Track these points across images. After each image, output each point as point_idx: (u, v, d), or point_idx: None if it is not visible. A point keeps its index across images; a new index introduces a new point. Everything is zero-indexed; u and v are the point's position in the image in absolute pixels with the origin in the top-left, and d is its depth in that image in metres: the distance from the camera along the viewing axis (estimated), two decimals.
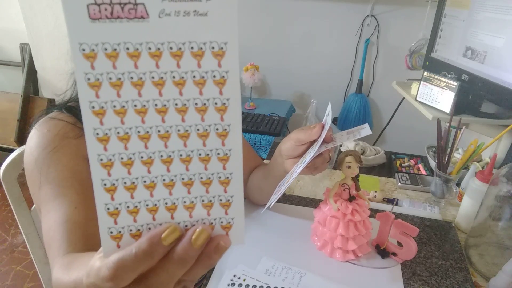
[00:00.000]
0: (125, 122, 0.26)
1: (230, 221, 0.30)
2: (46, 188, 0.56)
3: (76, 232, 0.53)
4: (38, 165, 0.57)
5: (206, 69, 0.26)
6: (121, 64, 0.25)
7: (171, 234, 0.27)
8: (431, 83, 1.07)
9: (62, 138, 0.58)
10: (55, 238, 0.52)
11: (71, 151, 0.58)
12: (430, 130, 0.98)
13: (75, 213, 0.54)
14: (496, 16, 0.93)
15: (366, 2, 1.76)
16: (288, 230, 0.76)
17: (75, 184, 0.56)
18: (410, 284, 0.65)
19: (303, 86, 2.04)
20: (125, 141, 0.26)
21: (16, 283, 1.65)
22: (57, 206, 0.54)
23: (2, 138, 2.26)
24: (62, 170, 0.57)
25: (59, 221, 0.53)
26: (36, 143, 0.58)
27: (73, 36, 0.24)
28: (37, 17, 2.03)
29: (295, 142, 0.61)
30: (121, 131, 0.26)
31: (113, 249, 0.28)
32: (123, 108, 0.25)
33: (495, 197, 0.68)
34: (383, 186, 0.98)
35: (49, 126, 0.59)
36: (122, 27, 0.24)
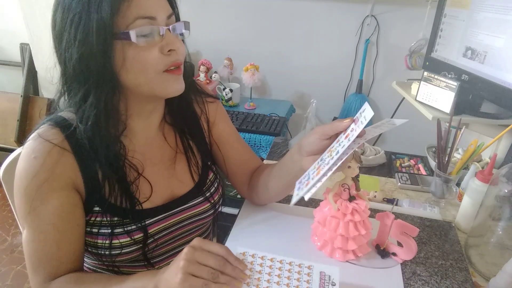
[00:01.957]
0: None
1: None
2: (32, 218, 0.61)
3: (59, 266, 0.63)
4: (27, 194, 0.61)
5: None
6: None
7: (237, 263, 0.58)
8: (431, 83, 1.07)
9: (46, 171, 0.60)
10: (41, 268, 0.62)
11: (56, 184, 0.61)
12: (430, 130, 0.97)
13: (58, 252, 0.62)
14: (496, 16, 0.93)
15: (366, 2, 1.76)
16: (288, 230, 0.76)
17: (58, 222, 0.61)
18: (410, 284, 0.65)
19: (303, 86, 2.04)
20: None
21: (16, 283, 1.65)
22: (42, 241, 0.61)
23: (2, 138, 2.26)
24: (46, 206, 0.61)
25: (44, 257, 0.62)
26: (25, 170, 0.61)
27: None
28: (37, 17, 2.03)
29: (320, 136, 0.60)
30: None
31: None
32: None
33: (495, 197, 0.68)
34: (383, 186, 0.98)
35: (36, 152, 0.60)
36: None
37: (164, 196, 0.71)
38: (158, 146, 0.72)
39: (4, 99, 2.28)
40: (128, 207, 0.65)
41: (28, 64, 2.22)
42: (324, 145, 0.61)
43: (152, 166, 0.70)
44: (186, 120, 0.76)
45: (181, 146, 0.75)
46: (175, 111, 0.74)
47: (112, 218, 0.64)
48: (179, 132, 0.75)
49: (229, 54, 1.96)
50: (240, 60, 1.96)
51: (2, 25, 2.29)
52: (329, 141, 0.61)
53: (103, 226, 0.64)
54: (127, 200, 0.65)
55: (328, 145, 0.61)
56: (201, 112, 0.79)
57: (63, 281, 0.62)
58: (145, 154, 0.70)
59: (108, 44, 0.55)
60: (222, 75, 1.95)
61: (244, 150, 0.83)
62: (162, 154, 0.72)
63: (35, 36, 2.10)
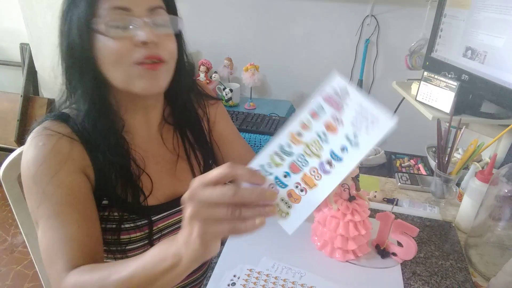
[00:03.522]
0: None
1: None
2: (46, 205, 0.57)
3: (81, 250, 0.56)
4: (37, 181, 0.58)
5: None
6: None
7: (263, 179, 0.44)
8: (431, 83, 1.07)
9: (58, 154, 0.59)
10: (60, 255, 0.55)
11: (69, 167, 0.59)
12: (430, 130, 0.97)
13: (78, 232, 0.57)
14: (496, 16, 0.93)
15: (366, 2, 1.76)
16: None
17: (74, 202, 0.58)
18: (410, 284, 0.65)
19: (303, 86, 2.04)
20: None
21: (16, 283, 1.65)
22: (60, 224, 0.56)
23: (2, 138, 2.26)
24: (61, 188, 0.58)
25: (64, 240, 0.56)
26: (33, 158, 0.59)
27: None
28: (37, 17, 2.03)
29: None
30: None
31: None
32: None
33: (495, 197, 0.68)
34: (383, 186, 0.98)
35: (43, 140, 0.59)
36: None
37: (166, 194, 0.71)
38: (159, 145, 0.72)
39: (4, 99, 2.28)
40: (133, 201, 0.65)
41: (28, 64, 2.22)
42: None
43: (154, 164, 0.70)
44: (188, 121, 0.76)
45: (182, 145, 0.75)
46: (177, 111, 0.74)
47: (119, 213, 0.64)
48: (180, 132, 0.75)
49: (229, 54, 1.96)
50: (240, 60, 1.96)
51: (2, 25, 2.29)
52: None
53: (110, 221, 0.64)
54: (133, 194, 0.65)
55: None
56: (203, 113, 0.79)
57: (80, 271, 0.55)
58: (147, 151, 0.70)
59: (85, 36, 0.57)
60: (222, 75, 1.95)
61: (245, 150, 0.83)
62: (163, 153, 0.73)
63: (35, 36, 2.10)
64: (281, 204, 0.45)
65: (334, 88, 0.45)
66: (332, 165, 0.44)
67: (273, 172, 0.45)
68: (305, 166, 0.45)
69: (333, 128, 0.45)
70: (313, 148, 0.45)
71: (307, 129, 0.45)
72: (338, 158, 0.44)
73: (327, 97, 0.45)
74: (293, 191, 0.45)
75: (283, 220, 0.45)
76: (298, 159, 0.45)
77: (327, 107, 0.45)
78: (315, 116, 0.45)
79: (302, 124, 0.46)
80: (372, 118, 0.50)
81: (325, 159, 0.44)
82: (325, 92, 0.45)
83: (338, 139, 0.44)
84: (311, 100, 0.45)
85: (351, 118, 0.44)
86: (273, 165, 0.45)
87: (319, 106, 0.45)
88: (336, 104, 0.45)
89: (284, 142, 0.45)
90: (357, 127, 0.44)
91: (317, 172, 0.44)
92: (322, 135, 0.45)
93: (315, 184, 0.44)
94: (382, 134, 0.42)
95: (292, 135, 0.45)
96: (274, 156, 0.45)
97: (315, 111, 0.45)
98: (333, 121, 0.45)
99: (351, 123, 0.44)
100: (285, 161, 0.45)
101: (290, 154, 0.45)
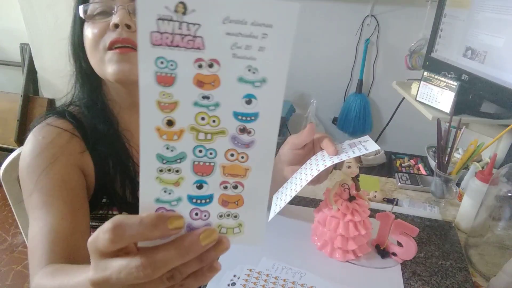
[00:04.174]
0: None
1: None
2: (36, 196, 0.56)
3: (59, 243, 0.52)
4: (30, 171, 0.57)
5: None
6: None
7: (176, 220, 0.28)
8: (431, 83, 1.07)
9: (56, 146, 0.59)
10: (39, 247, 0.52)
11: (64, 160, 0.58)
12: (430, 130, 0.97)
13: (61, 224, 0.54)
14: (496, 16, 0.93)
15: (366, 2, 1.76)
16: (288, 230, 0.76)
17: (64, 193, 0.56)
18: (410, 284, 0.65)
19: (303, 86, 2.04)
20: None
21: (16, 283, 1.64)
22: (44, 215, 0.54)
23: (2, 138, 2.26)
24: (52, 179, 0.57)
25: (45, 230, 0.53)
26: (30, 149, 0.59)
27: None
28: (37, 17, 2.03)
29: (290, 147, 0.61)
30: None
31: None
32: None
33: (495, 197, 0.68)
34: (383, 186, 0.98)
35: (44, 133, 0.60)
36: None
37: None
38: None
39: (4, 99, 2.28)
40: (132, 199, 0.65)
41: (28, 64, 2.22)
42: (299, 155, 0.61)
43: None
44: None
45: None
46: None
47: (119, 211, 0.64)
48: None
49: None
50: None
51: (2, 25, 2.29)
52: (302, 151, 0.61)
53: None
54: (132, 191, 0.65)
55: (304, 155, 0.61)
56: None
57: (45, 273, 0.49)
58: None
59: (77, 24, 0.60)
60: None
61: None
62: None
63: (35, 36, 2.10)
64: (223, 221, 0.31)
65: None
66: (248, 130, 0.29)
67: (179, 195, 0.30)
68: (214, 156, 0.30)
69: (208, 79, 0.27)
70: (205, 126, 0.29)
71: (173, 107, 0.28)
72: (249, 116, 0.29)
73: (156, 40, 0.26)
74: (225, 195, 0.31)
75: (240, 236, 0.32)
76: (198, 155, 0.29)
77: (174, 52, 0.27)
78: (167, 81, 0.27)
79: (160, 104, 0.28)
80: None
81: (233, 129, 0.29)
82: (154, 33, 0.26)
83: (229, 90, 0.28)
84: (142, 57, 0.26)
85: (221, 40, 0.26)
86: (170, 188, 0.30)
87: (163, 59, 0.27)
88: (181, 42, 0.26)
89: (158, 148, 0.29)
90: (240, 51, 0.27)
91: (237, 152, 0.30)
92: (203, 100, 0.28)
93: (247, 168, 0.30)
94: (288, 51, 0.28)
95: (159, 130, 0.28)
96: (160, 176, 0.29)
97: (162, 73, 0.27)
98: (201, 69, 0.27)
99: (232, 55, 0.27)
100: (181, 170, 0.29)
101: (181, 157, 0.29)
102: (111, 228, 0.27)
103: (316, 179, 0.59)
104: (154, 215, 0.27)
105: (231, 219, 0.31)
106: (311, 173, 0.56)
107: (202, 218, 0.31)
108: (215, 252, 0.30)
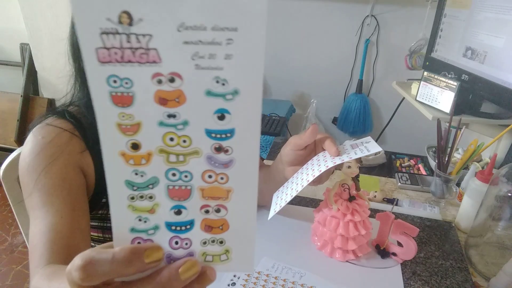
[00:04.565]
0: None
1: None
2: (35, 195, 0.56)
3: (59, 242, 0.52)
4: (30, 171, 0.57)
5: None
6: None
7: (154, 253, 0.26)
8: (431, 83, 1.07)
9: (55, 146, 0.59)
10: (38, 247, 0.52)
11: (64, 160, 0.59)
12: (430, 130, 0.98)
13: (60, 223, 0.54)
14: (496, 16, 0.93)
15: (366, 2, 1.76)
16: (288, 230, 0.76)
17: (64, 193, 0.56)
18: (410, 284, 0.65)
19: (303, 86, 2.04)
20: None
21: (16, 283, 1.64)
22: (44, 214, 0.54)
23: (2, 138, 2.26)
24: (52, 178, 0.57)
25: (44, 230, 0.53)
26: (30, 149, 0.59)
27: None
28: (37, 17, 2.03)
29: (292, 147, 0.61)
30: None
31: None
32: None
33: (495, 197, 0.68)
34: (383, 186, 0.98)
35: (44, 133, 0.60)
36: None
37: None
38: None
39: (4, 99, 2.28)
40: None
41: (28, 64, 2.22)
42: (301, 156, 0.61)
43: None
44: None
45: None
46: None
47: None
48: None
49: None
50: None
51: (2, 25, 2.29)
52: (304, 152, 0.61)
53: (108, 220, 0.64)
54: None
55: (305, 156, 0.61)
56: None
57: (43, 276, 0.49)
58: None
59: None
60: None
61: None
62: None
63: (35, 36, 2.10)
64: (208, 248, 0.29)
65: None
66: (225, 149, 0.26)
67: (155, 223, 0.27)
68: (190, 179, 0.27)
69: (172, 95, 0.24)
70: (175, 147, 0.26)
71: (136, 129, 0.25)
72: (224, 133, 0.26)
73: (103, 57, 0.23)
74: (207, 220, 0.28)
75: (228, 263, 0.30)
76: (171, 178, 0.27)
77: (127, 69, 0.24)
78: (124, 101, 0.24)
79: (121, 126, 0.25)
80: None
81: (207, 148, 0.26)
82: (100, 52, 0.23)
83: (197, 106, 0.25)
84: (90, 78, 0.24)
85: (179, 50, 0.23)
86: (145, 216, 0.27)
87: (115, 78, 0.24)
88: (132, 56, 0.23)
89: (126, 174, 0.26)
90: (203, 61, 0.24)
91: (215, 173, 0.27)
92: (168, 119, 0.25)
93: (228, 190, 0.27)
94: (260, 59, 0.24)
95: (124, 155, 0.26)
96: (133, 204, 0.27)
97: (117, 93, 0.24)
98: (161, 85, 0.24)
99: (194, 67, 0.24)
100: (154, 196, 0.27)
101: (153, 182, 0.26)
102: (81, 266, 0.25)
103: (317, 179, 0.59)
104: (128, 249, 0.25)
105: (216, 246, 0.29)
106: (312, 173, 0.56)
107: (183, 247, 0.28)
108: (199, 285, 0.27)
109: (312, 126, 0.58)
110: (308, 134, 0.58)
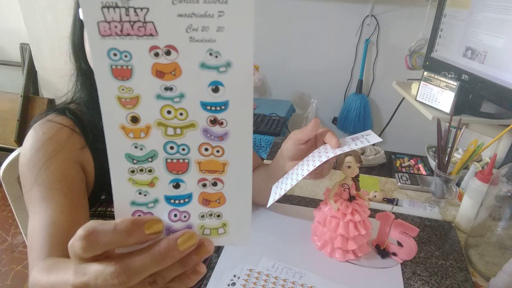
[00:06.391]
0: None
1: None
2: (35, 190, 0.56)
3: (58, 236, 0.52)
4: (30, 166, 0.57)
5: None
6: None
7: (154, 224, 0.26)
8: (431, 83, 1.07)
9: (56, 142, 0.59)
10: (37, 240, 0.52)
11: (64, 155, 0.59)
12: (430, 130, 0.98)
13: (60, 217, 0.54)
14: (496, 16, 0.93)
15: (366, 2, 1.76)
16: (288, 230, 0.76)
17: (64, 187, 0.57)
18: (410, 284, 0.65)
19: (303, 86, 2.04)
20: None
21: (16, 283, 1.64)
22: (43, 209, 0.54)
23: (2, 138, 2.26)
24: (52, 173, 0.57)
25: (44, 224, 0.53)
26: (30, 145, 0.59)
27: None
28: (37, 17, 2.03)
29: (293, 142, 0.61)
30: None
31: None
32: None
33: (495, 197, 0.68)
34: (383, 186, 0.98)
35: (45, 129, 0.60)
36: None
37: None
38: None
39: (4, 99, 2.28)
40: None
41: (28, 64, 2.22)
42: (302, 150, 0.61)
43: None
44: None
45: None
46: None
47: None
48: None
49: None
50: None
51: (2, 25, 2.29)
52: (305, 146, 0.61)
53: (107, 217, 0.64)
54: None
55: (306, 150, 0.61)
56: None
57: (42, 268, 0.48)
58: None
59: (77, 24, 0.60)
60: None
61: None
62: None
63: (35, 36, 2.10)
64: (206, 221, 0.29)
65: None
66: (220, 121, 0.26)
67: (155, 196, 0.28)
68: (187, 152, 0.27)
69: (168, 68, 0.25)
70: (172, 120, 0.26)
71: (136, 102, 0.26)
72: (219, 105, 0.26)
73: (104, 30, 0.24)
74: (205, 193, 0.28)
75: (226, 236, 0.29)
76: (169, 152, 0.27)
77: (126, 42, 0.24)
78: (124, 74, 0.25)
79: (121, 100, 0.26)
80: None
81: (203, 121, 0.26)
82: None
83: (192, 78, 0.25)
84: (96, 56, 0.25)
85: (174, 23, 0.24)
86: (145, 189, 0.28)
87: (115, 51, 0.25)
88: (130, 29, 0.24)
89: (127, 147, 0.27)
90: (197, 34, 0.24)
91: (211, 146, 0.27)
92: (165, 92, 0.26)
93: (224, 163, 0.28)
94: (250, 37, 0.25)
95: (124, 128, 0.26)
96: (133, 177, 0.28)
97: (117, 66, 0.25)
98: (158, 57, 0.25)
99: (189, 39, 0.24)
100: (154, 169, 0.28)
101: (152, 155, 0.27)
102: (83, 236, 0.26)
103: (319, 172, 0.59)
104: (129, 220, 0.26)
105: (214, 219, 0.29)
106: (313, 163, 0.56)
107: (182, 220, 0.29)
108: (197, 256, 0.27)
109: (314, 120, 0.58)
110: (310, 127, 0.58)
